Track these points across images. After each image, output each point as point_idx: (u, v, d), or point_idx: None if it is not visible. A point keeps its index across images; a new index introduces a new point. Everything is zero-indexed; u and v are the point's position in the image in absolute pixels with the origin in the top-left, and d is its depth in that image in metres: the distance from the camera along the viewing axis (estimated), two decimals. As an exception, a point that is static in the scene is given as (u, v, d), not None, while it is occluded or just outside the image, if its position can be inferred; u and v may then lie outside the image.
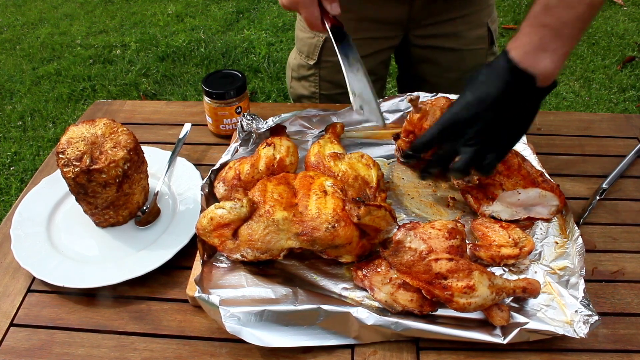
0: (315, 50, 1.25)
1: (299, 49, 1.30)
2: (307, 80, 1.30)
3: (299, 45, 1.30)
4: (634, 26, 3.30)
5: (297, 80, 1.33)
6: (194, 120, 1.18)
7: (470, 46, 1.24)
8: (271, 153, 0.92)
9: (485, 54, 1.26)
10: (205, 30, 3.43)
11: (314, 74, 1.28)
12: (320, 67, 1.26)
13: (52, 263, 0.85)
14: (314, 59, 1.26)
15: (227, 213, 0.78)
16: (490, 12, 1.24)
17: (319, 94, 1.30)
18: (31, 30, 3.55)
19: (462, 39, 1.23)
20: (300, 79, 1.32)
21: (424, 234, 0.77)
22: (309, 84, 1.30)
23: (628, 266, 0.86)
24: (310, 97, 1.32)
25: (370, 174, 0.91)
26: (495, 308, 0.74)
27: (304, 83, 1.31)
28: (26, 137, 2.63)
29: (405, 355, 0.74)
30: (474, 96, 0.77)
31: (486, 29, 1.24)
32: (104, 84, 2.99)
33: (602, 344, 0.76)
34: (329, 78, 1.27)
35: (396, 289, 0.76)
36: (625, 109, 2.69)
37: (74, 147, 0.84)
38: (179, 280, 0.85)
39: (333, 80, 1.27)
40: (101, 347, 0.76)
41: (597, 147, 1.11)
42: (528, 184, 0.90)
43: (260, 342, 0.72)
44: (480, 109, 0.76)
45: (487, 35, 1.24)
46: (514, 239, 0.83)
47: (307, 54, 1.27)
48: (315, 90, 1.30)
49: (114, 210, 0.90)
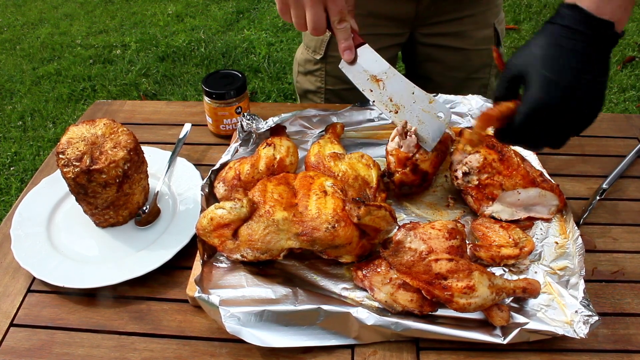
0: (322, 45, 1.25)
1: (306, 44, 1.31)
2: (313, 75, 1.31)
3: (306, 40, 1.31)
4: (634, 26, 3.30)
5: (303, 75, 1.34)
6: (194, 120, 1.18)
7: (477, 46, 1.24)
8: (271, 153, 0.92)
9: (491, 54, 1.25)
10: (205, 30, 3.43)
11: (320, 69, 1.28)
12: (326, 62, 1.27)
13: (52, 263, 0.85)
14: (320, 53, 1.26)
15: (227, 213, 0.78)
16: (497, 13, 1.24)
17: (325, 89, 1.31)
18: (31, 30, 3.55)
19: (468, 38, 1.22)
20: (307, 73, 1.32)
21: (424, 234, 0.77)
22: (315, 78, 1.31)
23: (628, 266, 0.86)
24: (316, 92, 1.33)
25: (370, 174, 0.91)
26: (495, 308, 0.74)
27: (310, 78, 1.32)
28: (26, 137, 2.63)
29: (405, 355, 0.74)
30: (556, 74, 0.65)
31: (493, 30, 1.24)
32: (104, 84, 2.99)
33: (602, 344, 0.76)
34: (334, 73, 1.27)
35: (396, 289, 0.76)
36: (625, 109, 2.68)
37: (74, 147, 0.84)
38: (179, 280, 0.85)
39: (339, 75, 1.27)
40: (101, 347, 0.76)
41: (597, 147, 1.11)
42: (528, 183, 0.90)
43: (260, 342, 0.72)
44: (566, 90, 0.66)
45: (493, 35, 1.24)
46: (514, 239, 0.83)
47: (314, 48, 1.27)
48: (321, 85, 1.31)
49: (114, 210, 0.90)
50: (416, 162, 0.89)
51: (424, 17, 1.19)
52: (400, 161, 0.90)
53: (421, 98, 0.87)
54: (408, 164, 0.89)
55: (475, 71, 1.28)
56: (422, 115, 0.86)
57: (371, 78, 0.88)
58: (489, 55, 1.26)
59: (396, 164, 0.90)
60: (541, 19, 3.44)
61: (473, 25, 1.21)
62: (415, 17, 1.19)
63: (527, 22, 3.43)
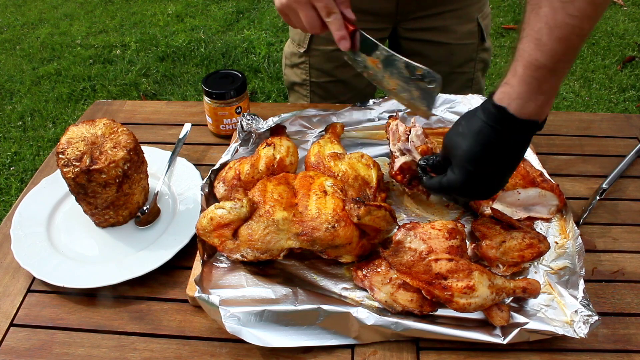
0: (306, 38, 1.27)
1: (291, 37, 1.33)
2: (298, 68, 1.32)
3: (292, 33, 1.33)
4: (634, 26, 3.30)
5: (290, 68, 1.36)
6: (194, 120, 1.18)
7: (460, 41, 1.25)
8: (271, 153, 0.92)
9: (475, 49, 1.27)
10: (205, 30, 3.43)
11: (305, 62, 1.30)
12: (310, 55, 1.28)
13: (52, 263, 0.85)
14: (304, 47, 1.27)
15: (227, 213, 0.78)
16: (481, 8, 1.25)
17: (310, 81, 1.32)
18: (31, 30, 3.55)
19: (451, 33, 1.23)
20: (293, 66, 1.34)
21: (424, 234, 0.77)
22: (301, 71, 1.32)
23: (628, 266, 0.86)
24: (301, 84, 1.34)
25: (370, 174, 0.91)
26: (495, 308, 0.74)
27: (295, 70, 1.34)
28: (26, 137, 2.63)
29: (405, 355, 0.74)
30: (477, 169, 0.73)
31: (476, 24, 1.24)
32: (104, 84, 2.99)
33: (602, 344, 0.76)
34: (318, 66, 1.29)
35: (396, 289, 0.76)
36: (625, 109, 2.69)
37: (74, 147, 0.84)
38: (179, 280, 0.85)
39: (322, 69, 1.30)
40: (101, 347, 0.76)
41: (597, 147, 1.11)
42: (527, 183, 0.90)
43: (260, 342, 0.72)
44: (480, 180, 0.75)
45: (477, 30, 1.25)
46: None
47: (299, 42, 1.29)
48: (306, 77, 1.32)
49: (114, 210, 0.90)
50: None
51: (405, 12, 1.20)
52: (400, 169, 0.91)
53: (412, 71, 0.88)
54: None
55: (460, 65, 1.29)
56: (415, 87, 0.88)
57: (369, 60, 0.89)
58: (474, 50, 1.27)
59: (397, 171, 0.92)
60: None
61: (455, 20, 1.22)
62: (396, 13, 1.20)
63: (527, 22, 3.42)
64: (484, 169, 0.73)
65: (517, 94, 0.67)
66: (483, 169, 0.73)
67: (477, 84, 1.34)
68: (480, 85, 1.36)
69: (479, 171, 0.73)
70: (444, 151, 0.79)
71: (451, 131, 0.76)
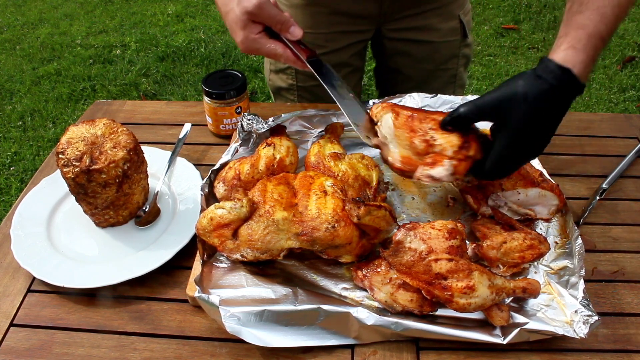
0: None
1: None
2: (284, 73, 1.32)
3: None
4: (634, 26, 3.30)
5: (275, 73, 1.35)
6: (194, 120, 1.18)
7: (443, 38, 1.26)
8: (271, 153, 0.92)
9: (458, 45, 1.29)
10: (205, 30, 3.43)
11: (291, 67, 1.29)
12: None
13: (52, 263, 0.85)
14: None
15: (227, 213, 0.78)
16: (462, 4, 1.26)
17: (297, 86, 1.32)
18: (31, 30, 3.55)
19: (434, 31, 1.24)
20: (278, 71, 1.33)
21: (423, 234, 0.77)
22: (287, 76, 1.32)
23: (628, 266, 0.86)
24: (288, 89, 1.34)
25: (370, 174, 0.91)
26: (495, 308, 0.74)
27: (281, 76, 1.33)
28: (26, 137, 2.63)
29: (405, 355, 0.74)
30: (532, 134, 0.75)
31: (458, 21, 1.26)
32: (104, 84, 2.99)
33: (602, 344, 0.76)
34: (304, 71, 1.28)
35: (396, 289, 0.76)
36: (625, 109, 2.69)
37: (74, 147, 0.84)
38: (179, 280, 0.85)
39: (308, 73, 1.28)
40: (101, 347, 0.76)
41: (597, 147, 1.11)
42: (527, 183, 0.90)
43: (260, 342, 0.72)
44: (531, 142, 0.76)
45: (459, 27, 1.26)
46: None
47: None
48: (293, 82, 1.32)
49: (114, 210, 0.90)
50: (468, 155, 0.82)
51: (388, 14, 1.21)
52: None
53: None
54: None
55: (444, 62, 1.30)
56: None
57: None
58: (456, 46, 1.29)
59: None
60: (541, 18, 3.44)
61: (438, 18, 1.23)
62: (379, 14, 1.21)
63: (527, 22, 3.43)
64: (543, 127, 0.75)
65: (580, 59, 0.72)
66: (541, 128, 0.75)
67: (460, 80, 1.36)
68: (463, 81, 1.38)
69: (537, 130, 0.74)
70: (493, 112, 0.76)
71: (504, 92, 0.74)
